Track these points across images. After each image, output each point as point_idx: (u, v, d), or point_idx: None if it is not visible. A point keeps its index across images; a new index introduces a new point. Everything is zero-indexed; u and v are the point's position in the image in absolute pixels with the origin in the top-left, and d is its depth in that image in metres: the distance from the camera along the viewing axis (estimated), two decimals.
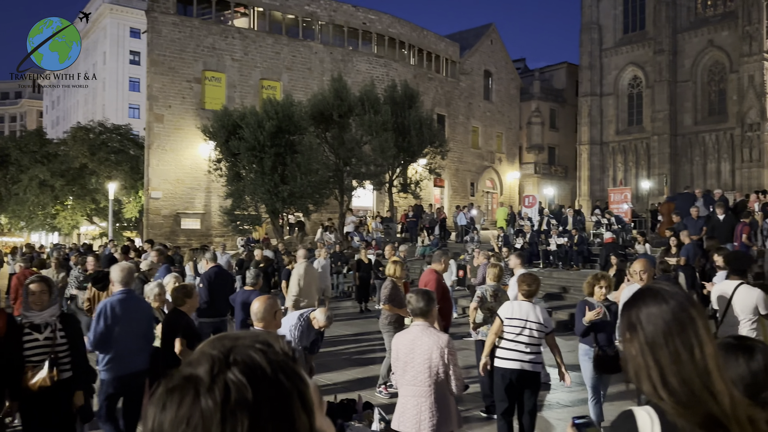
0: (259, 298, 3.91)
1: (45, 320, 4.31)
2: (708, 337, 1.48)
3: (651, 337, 1.50)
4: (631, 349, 1.54)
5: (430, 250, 20.38)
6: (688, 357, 1.44)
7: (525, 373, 5.21)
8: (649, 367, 1.49)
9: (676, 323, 1.48)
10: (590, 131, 42.93)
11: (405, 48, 37.71)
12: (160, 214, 27.87)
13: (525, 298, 5.39)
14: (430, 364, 3.93)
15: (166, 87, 28.17)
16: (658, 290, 1.57)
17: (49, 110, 77.55)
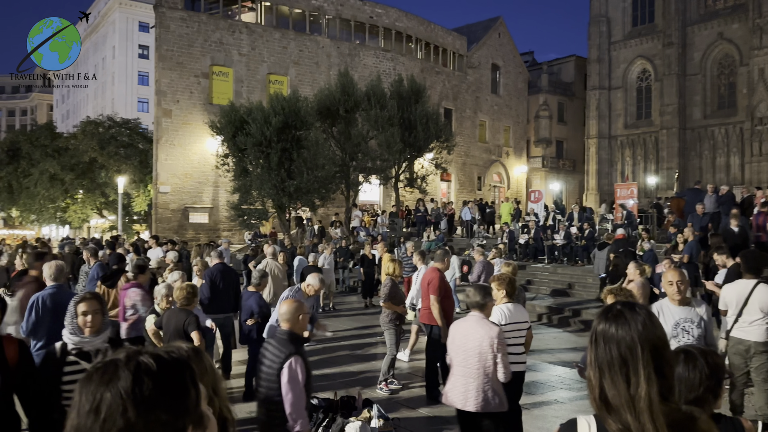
0: (287, 300, 4.12)
1: (96, 347, 3.48)
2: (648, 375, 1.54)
3: (601, 356, 1.60)
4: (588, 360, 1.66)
5: (435, 245, 20.48)
6: (625, 387, 1.55)
7: (521, 374, 5.31)
8: (595, 384, 1.62)
9: (620, 357, 1.57)
10: (598, 125, 42.73)
11: (412, 42, 37.66)
12: (168, 208, 28.10)
13: (509, 299, 5.36)
14: (480, 351, 4.35)
15: (174, 82, 28.33)
16: (620, 314, 1.64)
17: (59, 104, 78.05)
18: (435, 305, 7.13)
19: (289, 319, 3.93)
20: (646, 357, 1.56)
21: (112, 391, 1.05)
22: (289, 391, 3.65)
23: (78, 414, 1.06)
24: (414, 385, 7.99)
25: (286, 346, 3.78)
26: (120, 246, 14.91)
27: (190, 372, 1.15)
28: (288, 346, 3.77)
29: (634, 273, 7.08)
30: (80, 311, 3.43)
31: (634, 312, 1.63)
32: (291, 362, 3.67)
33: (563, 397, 7.69)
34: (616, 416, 1.56)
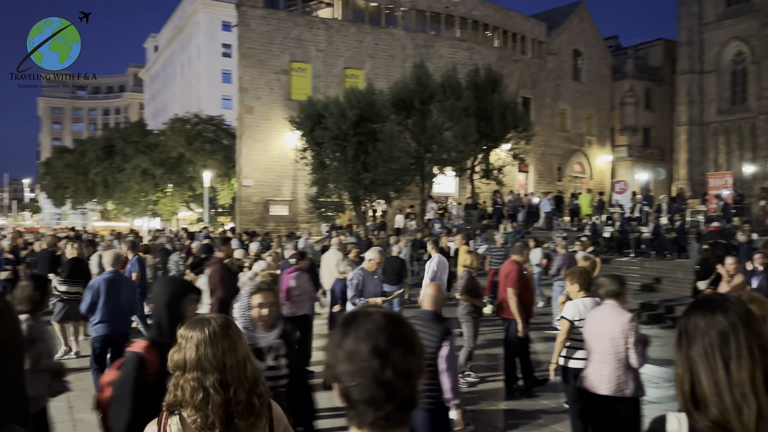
0: (432, 284, 4.44)
1: (270, 343, 3.12)
2: (751, 350, 1.50)
3: (693, 349, 1.56)
4: (677, 359, 1.61)
5: (513, 237, 20.06)
6: (724, 369, 1.50)
7: None
8: (684, 380, 1.57)
9: (718, 335, 1.53)
10: (689, 111, 40.31)
11: (489, 30, 36.94)
12: (251, 201, 29.11)
13: (585, 293, 5.28)
14: (612, 337, 4.48)
15: (255, 79, 29.24)
16: (711, 301, 1.61)
17: (150, 102, 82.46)
18: (512, 299, 6.98)
19: (435, 300, 4.23)
20: (749, 336, 1.51)
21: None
22: (449, 367, 3.95)
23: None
24: (492, 378, 7.87)
25: (437, 326, 4.07)
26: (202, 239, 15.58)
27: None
28: (439, 326, 4.06)
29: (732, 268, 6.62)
30: (255, 303, 3.09)
31: (725, 299, 1.60)
32: (450, 340, 4.00)
33: (652, 396, 7.32)
34: (708, 410, 1.51)
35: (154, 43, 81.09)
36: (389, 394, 1.25)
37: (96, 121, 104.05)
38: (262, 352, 3.06)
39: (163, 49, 73.50)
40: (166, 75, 72.94)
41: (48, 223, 71.11)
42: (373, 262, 6.55)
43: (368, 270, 6.55)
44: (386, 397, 1.25)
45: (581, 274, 5.34)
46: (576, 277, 5.29)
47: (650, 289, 15.04)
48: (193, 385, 1.90)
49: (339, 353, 1.29)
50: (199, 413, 1.88)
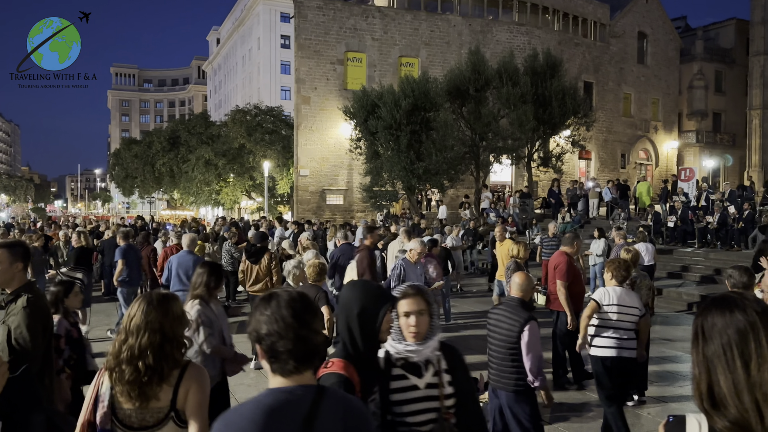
0: (520, 273, 4.71)
1: (427, 357, 2.55)
2: None
3: (710, 348, 1.52)
4: (693, 358, 1.58)
5: (571, 227, 19.61)
6: (743, 369, 1.46)
7: (623, 360, 5.28)
8: (701, 380, 1.53)
9: (737, 334, 1.48)
10: (763, 94, 38.01)
11: (549, 13, 35.95)
12: (307, 190, 29.64)
13: (618, 284, 5.39)
14: None
15: (312, 70, 29.63)
16: (728, 299, 1.56)
17: (213, 94, 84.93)
18: (561, 291, 6.88)
19: (522, 288, 4.53)
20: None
21: None
22: (530, 350, 4.25)
23: None
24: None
25: (521, 312, 4.39)
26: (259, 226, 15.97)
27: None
28: (523, 313, 4.38)
29: None
30: (402, 311, 2.53)
31: (743, 297, 1.56)
32: (531, 325, 4.28)
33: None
34: (726, 411, 1.47)
35: (217, 35, 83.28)
36: (305, 345, 1.74)
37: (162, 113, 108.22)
38: (419, 368, 2.54)
39: (224, 42, 75.40)
40: (227, 67, 74.85)
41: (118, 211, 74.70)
42: (415, 252, 6.60)
43: (410, 260, 6.61)
44: (303, 348, 1.73)
45: (620, 265, 5.43)
46: (612, 267, 5.43)
47: (711, 281, 14.43)
48: (118, 347, 2.35)
49: (264, 319, 1.74)
50: (118, 369, 2.32)
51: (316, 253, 7.30)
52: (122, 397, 2.32)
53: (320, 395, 1.73)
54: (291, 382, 1.74)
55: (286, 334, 1.71)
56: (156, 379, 2.31)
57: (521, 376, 4.33)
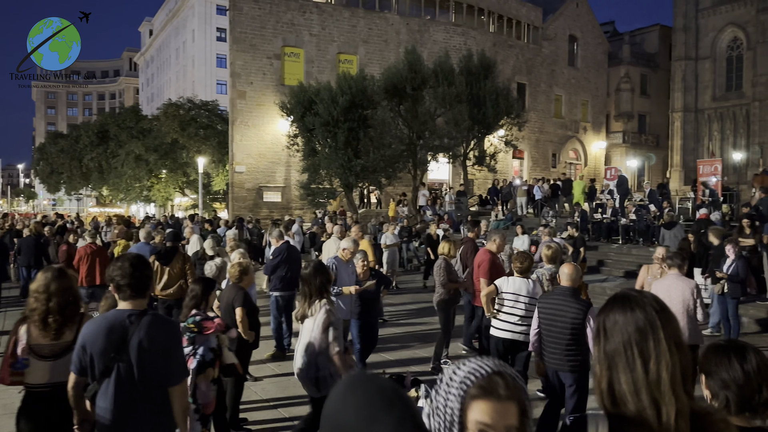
0: (569, 264, 5.27)
1: None
2: (669, 347, 1.47)
3: (611, 345, 1.52)
4: (594, 356, 1.59)
5: (504, 225, 20.13)
6: (642, 367, 1.46)
7: (516, 342, 5.92)
8: (602, 377, 1.53)
9: (637, 332, 1.49)
10: (684, 98, 40.19)
11: (484, 15, 36.69)
12: (243, 187, 29.09)
13: (519, 275, 6.03)
14: (683, 299, 5.63)
15: (247, 64, 29.08)
16: (628, 297, 1.57)
17: (145, 87, 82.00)
18: (483, 288, 6.99)
19: (572, 278, 5.13)
20: (667, 333, 1.49)
21: None
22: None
23: None
24: None
25: (578, 301, 4.98)
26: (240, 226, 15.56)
27: None
28: (580, 301, 4.96)
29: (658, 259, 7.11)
30: (475, 419, 1.09)
31: (642, 294, 1.57)
32: (593, 311, 4.84)
33: None
34: (626, 408, 1.47)
35: (149, 27, 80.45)
36: (136, 283, 3.01)
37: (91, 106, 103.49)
38: None
39: (157, 33, 72.95)
40: (161, 59, 72.48)
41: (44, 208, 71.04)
42: (347, 251, 6.59)
43: (342, 259, 6.59)
44: (135, 285, 3.00)
45: (518, 257, 6.17)
46: (514, 259, 6.18)
47: (633, 276, 15.11)
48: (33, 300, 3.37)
49: (115, 269, 3.03)
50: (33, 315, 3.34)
51: (242, 252, 7.15)
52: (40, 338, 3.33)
53: (143, 314, 2.99)
54: (129, 305, 3.01)
55: (125, 276, 2.98)
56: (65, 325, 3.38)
57: (578, 356, 4.83)
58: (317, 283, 4.47)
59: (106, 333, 2.89)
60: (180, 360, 3.14)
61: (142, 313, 2.97)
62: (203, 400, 4.30)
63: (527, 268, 6.04)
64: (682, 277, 5.85)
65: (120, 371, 2.88)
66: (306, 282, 4.51)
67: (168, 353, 2.99)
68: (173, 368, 3.02)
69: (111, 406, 2.88)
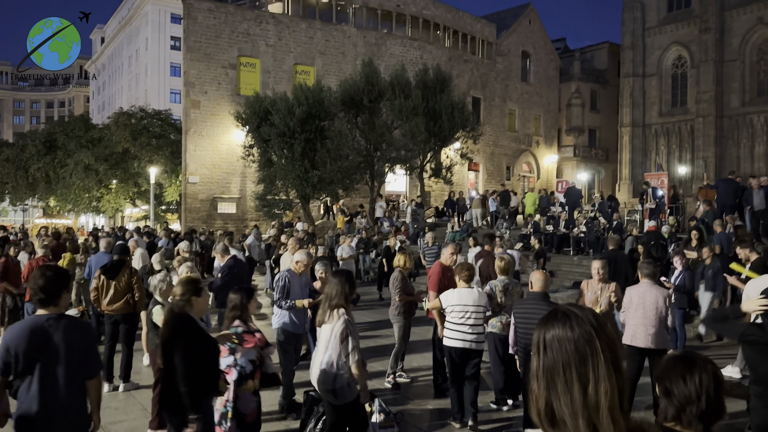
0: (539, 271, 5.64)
1: None
2: (608, 370, 1.43)
3: (550, 363, 1.47)
4: (532, 371, 1.53)
5: (460, 236, 20.32)
6: (580, 391, 1.42)
7: (467, 350, 6.08)
8: (539, 395, 1.48)
9: (577, 354, 1.44)
10: (632, 113, 41.63)
11: (440, 30, 37.26)
12: (197, 198, 28.55)
13: (465, 284, 6.17)
14: (657, 306, 6.00)
15: (202, 73, 28.67)
16: (568, 314, 1.52)
17: (96, 96, 79.83)
18: (432, 302, 7.00)
19: (543, 284, 5.46)
20: (606, 353, 1.44)
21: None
22: None
23: None
24: (424, 379, 7.95)
25: (548, 304, 5.28)
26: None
27: None
28: (550, 305, 5.19)
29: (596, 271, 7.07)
30: None
31: (583, 310, 1.53)
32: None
33: None
34: (565, 429, 1.42)
35: (101, 34, 78.53)
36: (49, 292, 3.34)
37: (39, 114, 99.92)
38: None
39: (109, 41, 71.29)
40: (112, 67, 70.79)
41: None
42: (301, 264, 6.51)
43: (295, 272, 6.50)
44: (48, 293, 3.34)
45: (460, 267, 6.30)
46: (457, 270, 6.31)
47: None
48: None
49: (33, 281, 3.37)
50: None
51: (191, 266, 6.96)
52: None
53: (61, 317, 3.35)
54: (46, 311, 3.34)
55: (40, 287, 3.30)
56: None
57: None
58: (342, 291, 4.44)
59: (28, 335, 3.22)
60: (95, 357, 3.55)
61: (59, 317, 3.34)
62: (245, 410, 4.43)
63: (470, 277, 6.22)
64: (655, 285, 6.23)
65: (43, 368, 3.24)
66: (331, 288, 4.48)
67: (85, 351, 3.41)
68: (90, 364, 3.45)
69: (35, 399, 3.25)
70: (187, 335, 3.81)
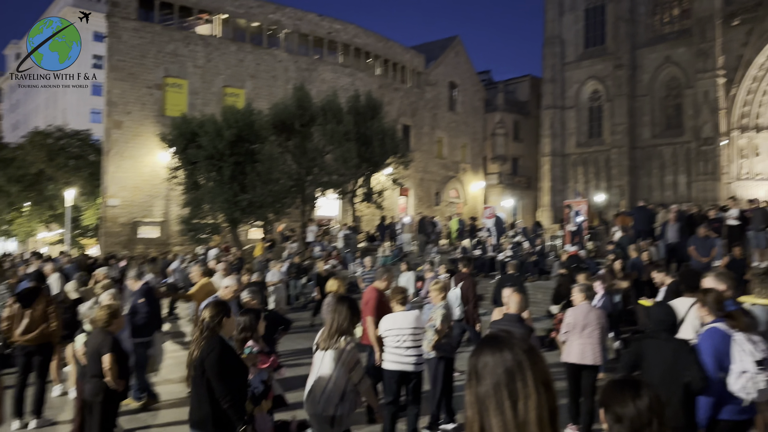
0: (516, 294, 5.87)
1: None
2: (537, 387, 1.48)
3: (482, 388, 1.50)
4: (466, 399, 1.56)
5: (391, 261, 20.44)
6: (511, 409, 1.45)
7: (405, 373, 6.08)
8: (473, 421, 1.50)
9: (506, 374, 1.48)
10: (552, 143, 43.67)
11: (371, 58, 37.87)
12: (117, 222, 27.33)
13: (401, 307, 6.18)
14: (599, 323, 6.43)
15: (126, 93, 27.72)
16: (498, 339, 1.57)
17: (9, 114, 75.39)
18: (370, 326, 6.96)
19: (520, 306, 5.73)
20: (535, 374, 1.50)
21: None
22: None
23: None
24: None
25: (522, 326, 5.56)
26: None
27: None
28: (523, 326, 5.53)
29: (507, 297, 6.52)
30: None
31: (512, 336, 1.58)
32: (533, 337, 5.66)
33: None
34: None
35: (17, 50, 74.52)
36: None
37: None
38: None
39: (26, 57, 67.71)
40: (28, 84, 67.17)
41: None
42: (230, 290, 6.34)
43: (224, 298, 6.31)
44: None
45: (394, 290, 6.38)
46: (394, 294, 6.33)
47: None
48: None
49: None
50: None
51: (113, 293, 6.62)
52: None
53: None
54: None
55: None
56: None
57: None
58: (349, 319, 4.41)
59: None
60: None
61: None
62: (262, 430, 4.44)
63: (404, 300, 6.27)
64: (594, 307, 6.76)
65: None
66: (338, 314, 4.43)
67: None
68: None
69: None
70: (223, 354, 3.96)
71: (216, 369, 3.87)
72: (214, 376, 3.86)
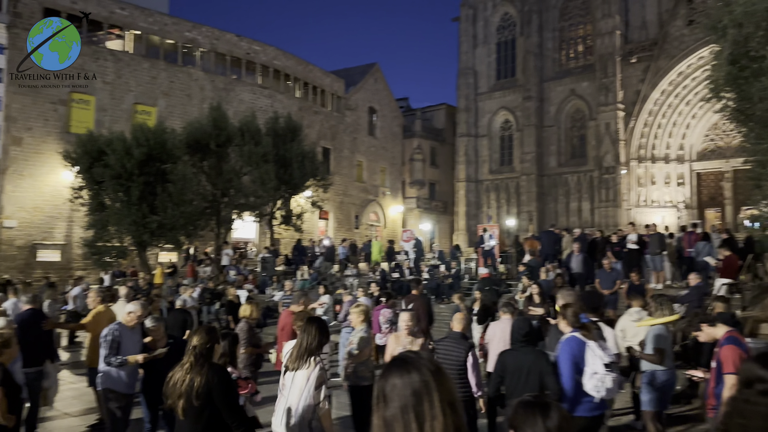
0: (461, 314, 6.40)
1: None
2: (443, 409, 1.48)
3: (390, 411, 1.49)
4: (373, 423, 1.54)
5: (309, 284, 20.21)
6: (417, 430, 1.45)
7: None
8: None
9: (413, 396, 1.48)
10: (467, 169, 45.09)
11: (290, 80, 37.77)
12: (13, 244, 25.43)
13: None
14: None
15: (27, 108, 26.09)
16: (406, 360, 1.57)
17: None
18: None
19: (463, 325, 6.09)
20: (441, 394, 1.50)
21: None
22: (474, 369, 5.66)
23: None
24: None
25: (464, 342, 5.84)
26: None
27: None
28: (465, 343, 5.84)
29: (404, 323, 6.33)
30: None
31: (419, 357, 1.59)
32: (473, 352, 5.73)
33: None
34: None
35: None
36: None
37: None
38: None
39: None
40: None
41: None
42: (133, 315, 5.99)
43: (127, 324, 5.96)
44: None
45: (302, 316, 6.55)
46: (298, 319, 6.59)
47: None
48: None
49: None
50: None
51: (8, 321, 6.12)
52: None
53: None
54: None
55: None
56: None
57: (467, 389, 5.61)
58: (319, 339, 4.44)
59: None
60: None
61: None
62: None
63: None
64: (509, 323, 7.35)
65: None
66: (307, 334, 4.42)
67: None
68: None
69: None
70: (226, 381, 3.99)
71: (227, 398, 3.89)
72: (226, 405, 3.87)
